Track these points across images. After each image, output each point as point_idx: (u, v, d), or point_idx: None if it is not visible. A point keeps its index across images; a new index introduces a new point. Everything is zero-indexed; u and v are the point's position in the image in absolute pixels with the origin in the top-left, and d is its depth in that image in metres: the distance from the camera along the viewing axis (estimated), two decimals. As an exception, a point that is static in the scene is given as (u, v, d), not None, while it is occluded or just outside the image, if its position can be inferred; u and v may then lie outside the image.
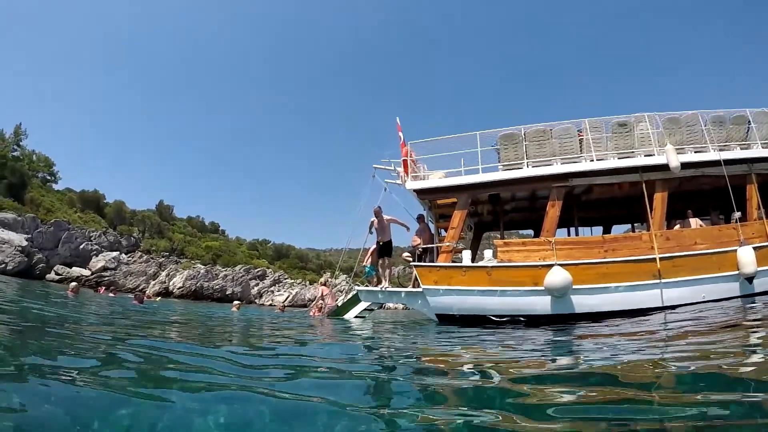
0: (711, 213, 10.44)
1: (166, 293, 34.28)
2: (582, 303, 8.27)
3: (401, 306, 19.32)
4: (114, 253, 35.69)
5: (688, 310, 7.41)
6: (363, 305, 10.28)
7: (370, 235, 10.15)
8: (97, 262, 34.07)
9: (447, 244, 9.38)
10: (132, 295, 15.15)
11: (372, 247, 10.49)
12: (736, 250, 8.09)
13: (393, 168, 10.42)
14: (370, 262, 10.65)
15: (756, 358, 3.24)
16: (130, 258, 37.05)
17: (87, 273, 32.71)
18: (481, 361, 3.99)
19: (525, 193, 10.62)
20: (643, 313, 7.80)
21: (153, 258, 38.96)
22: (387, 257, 10.03)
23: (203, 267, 39.90)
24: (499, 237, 11.26)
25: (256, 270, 45.16)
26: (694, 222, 9.35)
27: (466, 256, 9.40)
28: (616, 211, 11.85)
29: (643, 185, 8.88)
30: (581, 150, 9.49)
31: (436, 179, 9.94)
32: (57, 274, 30.69)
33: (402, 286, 10.62)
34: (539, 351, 4.68)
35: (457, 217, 9.44)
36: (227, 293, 37.53)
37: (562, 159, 9.41)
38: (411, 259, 9.95)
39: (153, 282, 35.47)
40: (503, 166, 9.73)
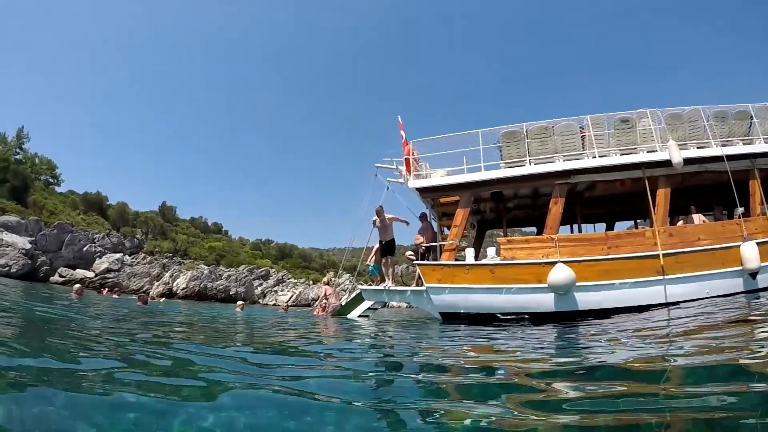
0: (714, 209, 10.43)
1: (170, 294, 34.33)
2: (586, 300, 8.27)
3: (405, 305, 19.36)
4: (117, 255, 35.77)
5: (692, 306, 7.40)
6: (366, 304, 10.31)
7: (374, 232, 10.17)
8: (101, 263, 34.15)
9: (450, 242, 9.39)
10: (136, 297, 15.20)
11: (375, 246, 10.51)
12: (739, 245, 8.08)
13: (395, 167, 10.43)
14: (374, 260, 10.67)
15: (763, 351, 3.25)
16: (133, 259, 37.14)
17: (91, 275, 32.80)
18: (486, 358, 4.01)
19: (527, 191, 10.63)
20: (647, 310, 7.81)
21: (156, 259, 39.03)
22: (390, 256, 10.06)
23: (207, 267, 39.94)
24: (502, 235, 11.28)
25: (259, 270, 45.21)
26: (697, 218, 9.35)
27: (469, 254, 9.40)
28: (618, 208, 11.83)
29: (646, 181, 8.87)
30: (583, 147, 9.49)
31: (438, 177, 9.94)
32: (61, 276, 30.79)
33: (405, 284, 10.65)
34: (543, 347, 4.69)
35: (460, 215, 9.45)
36: (231, 293, 37.57)
37: (564, 156, 9.40)
38: (414, 258, 9.97)
39: (157, 283, 35.53)
40: (505, 163, 9.73)
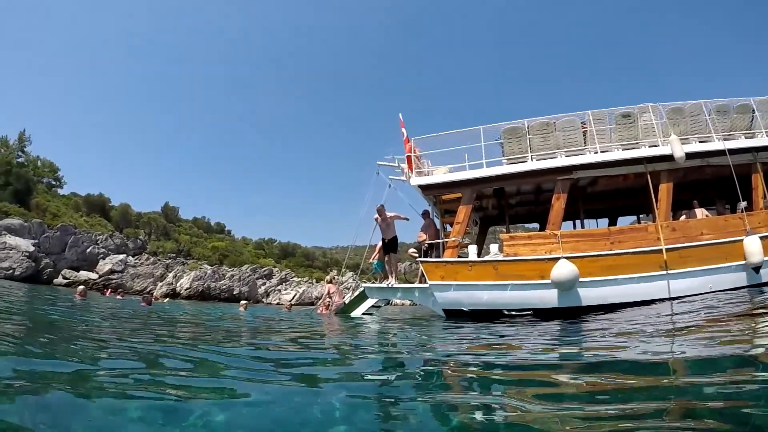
0: (717, 203, 10.41)
1: (173, 294, 34.45)
2: (589, 295, 8.27)
3: (408, 302, 19.38)
4: (121, 256, 35.88)
5: (695, 300, 7.40)
6: (370, 302, 10.34)
7: (376, 230, 10.20)
8: (104, 265, 34.27)
9: (453, 239, 9.40)
10: (140, 297, 15.26)
11: (379, 244, 10.54)
12: (742, 239, 8.08)
13: (397, 164, 10.43)
14: (377, 258, 10.70)
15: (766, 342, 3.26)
16: (137, 260, 37.25)
17: (94, 276, 32.92)
18: (492, 352, 4.03)
19: (530, 187, 10.62)
20: (651, 304, 7.80)
21: (160, 260, 39.13)
22: (392, 253, 10.08)
23: (210, 267, 40.04)
24: (505, 231, 11.27)
25: (262, 269, 45.30)
26: (700, 212, 9.32)
27: (472, 250, 9.41)
28: (621, 203, 11.82)
29: (648, 176, 8.86)
30: (585, 142, 9.48)
31: (440, 175, 9.94)
32: (65, 278, 30.91)
33: (409, 282, 10.67)
34: (549, 341, 4.71)
35: (462, 212, 9.46)
36: (234, 293, 37.68)
37: (566, 151, 9.39)
38: (417, 255, 9.99)
39: (160, 284, 35.65)
40: (507, 159, 9.73)
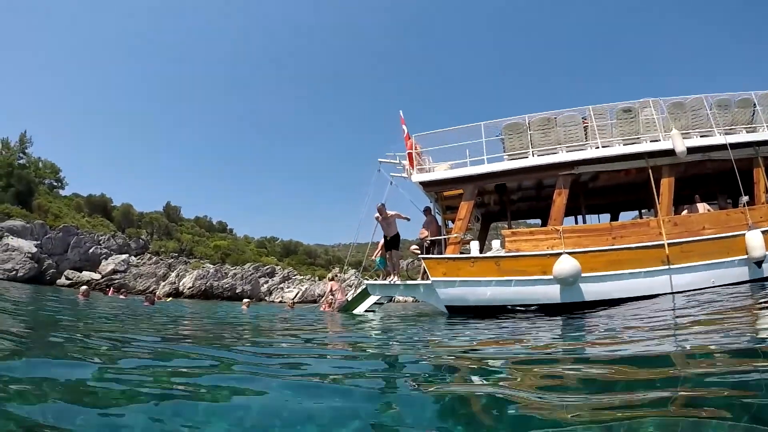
0: (719, 197, 10.40)
1: (176, 294, 34.53)
2: (591, 291, 8.29)
3: (411, 299, 19.40)
4: (123, 256, 35.96)
5: (698, 294, 7.41)
6: (373, 299, 10.36)
7: (378, 227, 10.21)
8: (107, 265, 34.35)
9: (455, 235, 9.40)
10: (143, 297, 15.32)
11: (381, 241, 10.56)
12: (744, 234, 8.08)
13: (398, 161, 10.43)
14: (380, 254, 10.71)
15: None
16: (139, 260, 37.33)
17: (97, 276, 33.01)
18: (496, 347, 4.04)
19: (531, 183, 10.63)
20: (653, 299, 7.81)
21: (162, 259, 39.21)
22: (394, 250, 10.09)
23: (212, 266, 40.09)
24: (507, 227, 11.28)
25: (265, 267, 45.35)
26: (701, 207, 9.32)
27: (474, 246, 9.42)
28: (623, 198, 11.82)
29: (650, 171, 8.85)
30: (586, 137, 9.48)
31: (441, 171, 9.94)
32: (67, 278, 31.00)
33: (411, 278, 10.69)
34: (552, 335, 4.73)
35: (464, 208, 9.46)
36: (237, 291, 37.73)
37: (567, 147, 9.39)
38: (419, 252, 10.00)
39: (163, 283, 35.71)
40: (508, 155, 9.73)
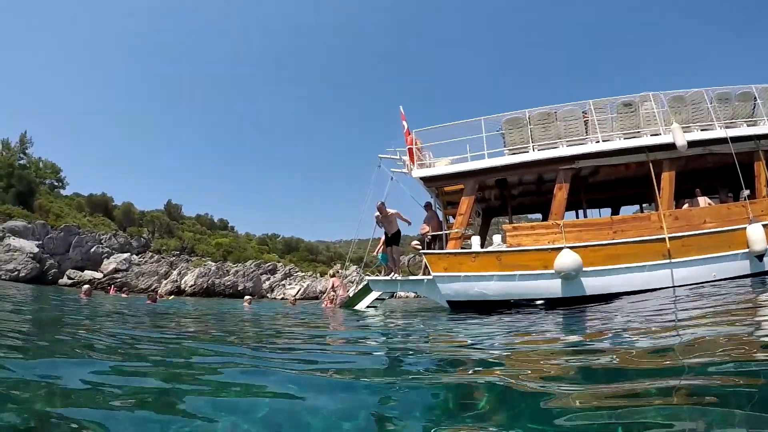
0: (720, 191, 10.39)
1: (178, 292, 34.64)
2: (593, 285, 8.29)
3: (413, 294, 19.43)
4: (125, 255, 36.05)
5: (698, 288, 7.41)
6: (374, 295, 10.37)
7: (378, 228, 10.23)
8: (109, 264, 34.45)
9: (455, 230, 9.41)
10: (146, 296, 15.38)
11: (383, 237, 10.56)
12: (745, 228, 8.07)
13: (399, 157, 10.42)
14: (382, 250, 10.73)
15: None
16: (141, 259, 37.44)
17: (99, 276, 33.12)
18: (496, 342, 4.06)
19: (532, 177, 10.61)
20: (654, 293, 7.81)
21: (164, 257, 39.31)
22: (395, 246, 10.10)
23: (214, 264, 40.20)
24: (508, 222, 11.28)
25: (266, 264, 45.45)
26: (702, 201, 9.32)
27: (475, 242, 9.42)
28: (623, 192, 11.81)
29: (650, 165, 8.84)
30: (587, 131, 9.46)
31: (442, 166, 9.93)
32: (69, 278, 31.10)
33: (413, 274, 10.70)
34: (554, 329, 4.74)
35: (465, 204, 9.46)
36: (239, 289, 37.84)
37: (567, 141, 9.38)
38: (420, 247, 10.01)
39: (165, 281, 35.81)
40: (509, 150, 9.72)
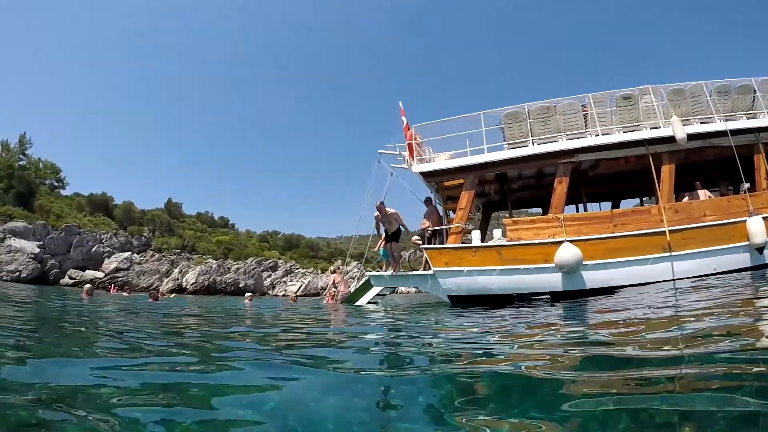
0: (720, 184, 10.38)
1: (179, 290, 34.74)
2: (593, 278, 8.31)
3: (414, 289, 19.46)
4: (126, 254, 36.12)
5: (699, 281, 7.42)
6: (375, 290, 10.39)
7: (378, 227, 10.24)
8: (110, 263, 34.53)
9: (456, 225, 9.41)
10: (147, 294, 15.41)
11: (383, 234, 10.57)
12: (745, 220, 8.08)
13: (398, 152, 10.41)
14: (382, 246, 10.74)
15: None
16: (142, 257, 37.51)
17: (100, 275, 33.19)
18: (497, 336, 4.07)
19: (532, 171, 10.61)
20: (655, 286, 7.83)
21: (165, 256, 39.38)
22: (395, 242, 10.11)
23: (215, 262, 40.28)
24: (508, 216, 11.28)
25: (267, 261, 45.54)
26: (702, 194, 9.30)
27: (475, 236, 9.44)
28: (623, 186, 11.80)
29: (650, 158, 8.83)
30: (586, 125, 9.45)
31: (441, 161, 9.93)
32: (71, 278, 31.16)
33: (413, 269, 10.72)
34: (556, 322, 4.76)
35: (465, 198, 9.47)
36: (240, 286, 37.91)
37: (567, 135, 9.38)
38: (420, 243, 10.02)
39: (166, 279, 35.90)
40: (508, 144, 9.72)
